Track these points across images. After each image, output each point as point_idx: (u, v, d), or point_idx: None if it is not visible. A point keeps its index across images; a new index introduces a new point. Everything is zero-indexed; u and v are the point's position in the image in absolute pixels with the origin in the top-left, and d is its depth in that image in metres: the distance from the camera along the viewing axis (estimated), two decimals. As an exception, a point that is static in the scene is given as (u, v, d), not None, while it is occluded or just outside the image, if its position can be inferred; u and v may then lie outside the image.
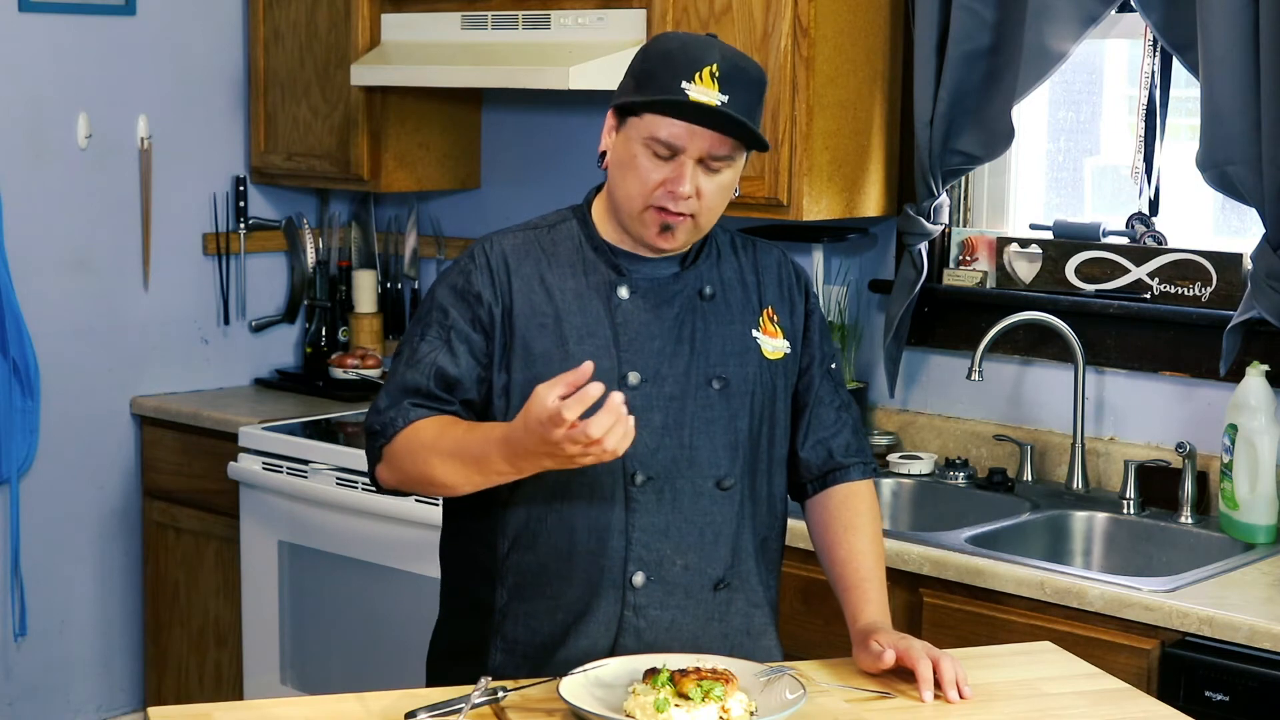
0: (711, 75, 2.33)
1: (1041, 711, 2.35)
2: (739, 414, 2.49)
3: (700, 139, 2.35)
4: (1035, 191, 3.96)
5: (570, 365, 2.35)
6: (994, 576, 3.13)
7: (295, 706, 2.35)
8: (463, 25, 4.20)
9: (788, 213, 3.71)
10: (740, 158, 2.41)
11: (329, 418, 4.44)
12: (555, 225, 2.53)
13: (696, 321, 2.48)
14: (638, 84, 2.39)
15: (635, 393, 2.42)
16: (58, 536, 4.56)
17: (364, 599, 4.08)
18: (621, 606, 2.44)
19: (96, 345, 4.58)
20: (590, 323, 2.45)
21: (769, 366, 2.53)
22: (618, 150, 2.42)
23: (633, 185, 2.40)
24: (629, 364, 2.44)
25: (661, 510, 2.44)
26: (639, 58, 2.42)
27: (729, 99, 2.33)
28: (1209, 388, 3.55)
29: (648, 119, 2.36)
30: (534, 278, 2.47)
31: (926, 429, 3.94)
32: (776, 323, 2.55)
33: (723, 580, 2.49)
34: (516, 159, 4.68)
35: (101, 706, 4.70)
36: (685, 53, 2.35)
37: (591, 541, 2.43)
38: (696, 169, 2.37)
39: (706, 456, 2.46)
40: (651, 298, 2.47)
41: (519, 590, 2.47)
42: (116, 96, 4.54)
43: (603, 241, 2.49)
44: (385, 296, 4.90)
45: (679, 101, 2.32)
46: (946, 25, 3.66)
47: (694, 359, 2.47)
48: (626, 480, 2.43)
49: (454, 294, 2.47)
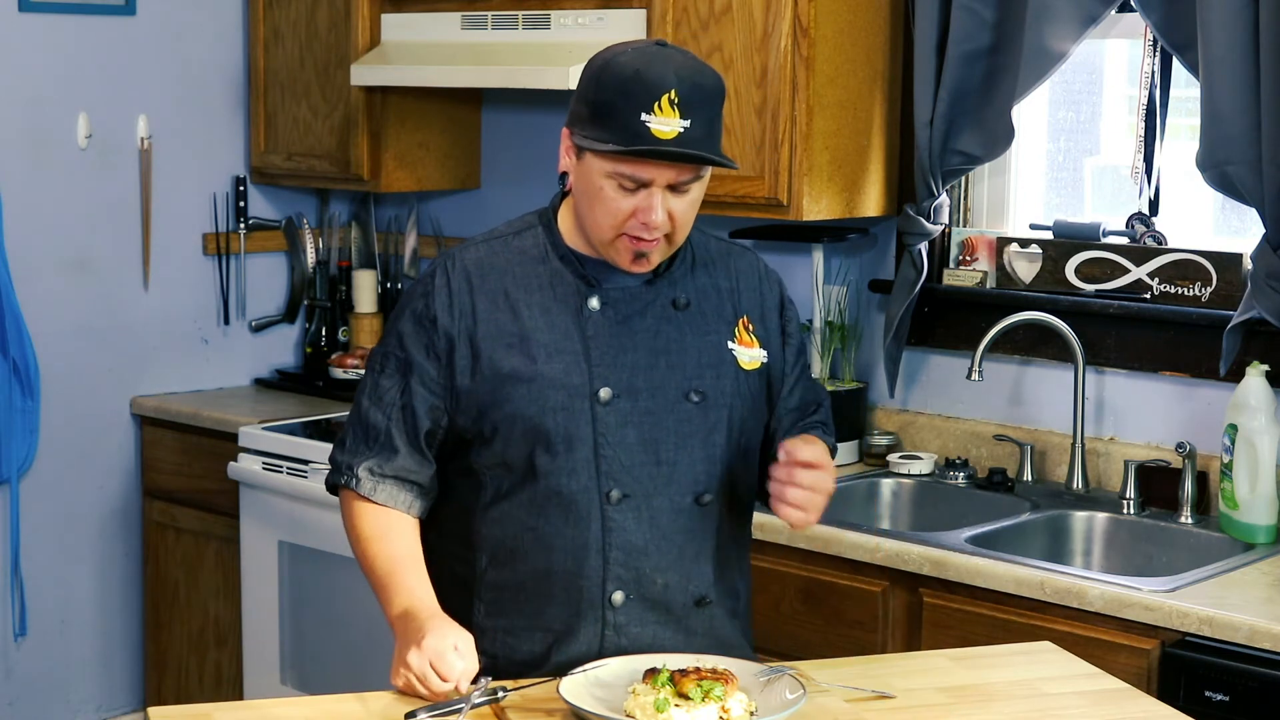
0: (671, 103, 2.28)
1: (1041, 711, 2.35)
2: (716, 427, 2.45)
3: (667, 170, 2.31)
4: (1035, 191, 3.96)
5: (539, 385, 2.38)
6: (994, 576, 3.13)
7: (295, 706, 2.35)
8: (463, 25, 4.20)
9: (788, 213, 3.71)
10: (706, 172, 2.37)
11: (329, 418, 4.44)
12: (520, 233, 2.48)
13: (671, 332, 2.44)
14: (594, 115, 2.32)
15: (608, 408, 2.39)
16: (58, 536, 4.56)
17: (364, 599, 4.06)
18: (602, 625, 2.42)
19: (96, 345, 4.58)
20: (559, 338, 2.41)
21: (746, 378, 2.49)
22: (581, 180, 2.37)
23: (602, 217, 2.35)
24: (601, 379, 2.40)
25: (640, 528, 2.41)
26: (592, 85, 2.34)
27: (691, 123, 2.29)
28: (1209, 388, 3.54)
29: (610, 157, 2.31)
30: (499, 293, 2.42)
31: (926, 429, 3.94)
32: (752, 332, 2.51)
33: (704, 597, 2.47)
34: (516, 159, 4.69)
35: (101, 706, 4.70)
36: (641, 81, 2.28)
37: (569, 561, 2.40)
38: (666, 194, 2.33)
39: (685, 472, 2.43)
40: (623, 308, 2.43)
41: (498, 607, 2.45)
42: (116, 96, 4.54)
43: (569, 250, 2.44)
44: (385, 296, 4.90)
45: (645, 150, 2.27)
46: (946, 25, 3.66)
47: (670, 372, 2.43)
48: (602, 498, 2.40)
49: (413, 320, 2.45)
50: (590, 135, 2.32)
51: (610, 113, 2.30)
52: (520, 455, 2.40)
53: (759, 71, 3.70)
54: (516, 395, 2.39)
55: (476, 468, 2.44)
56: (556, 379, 2.39)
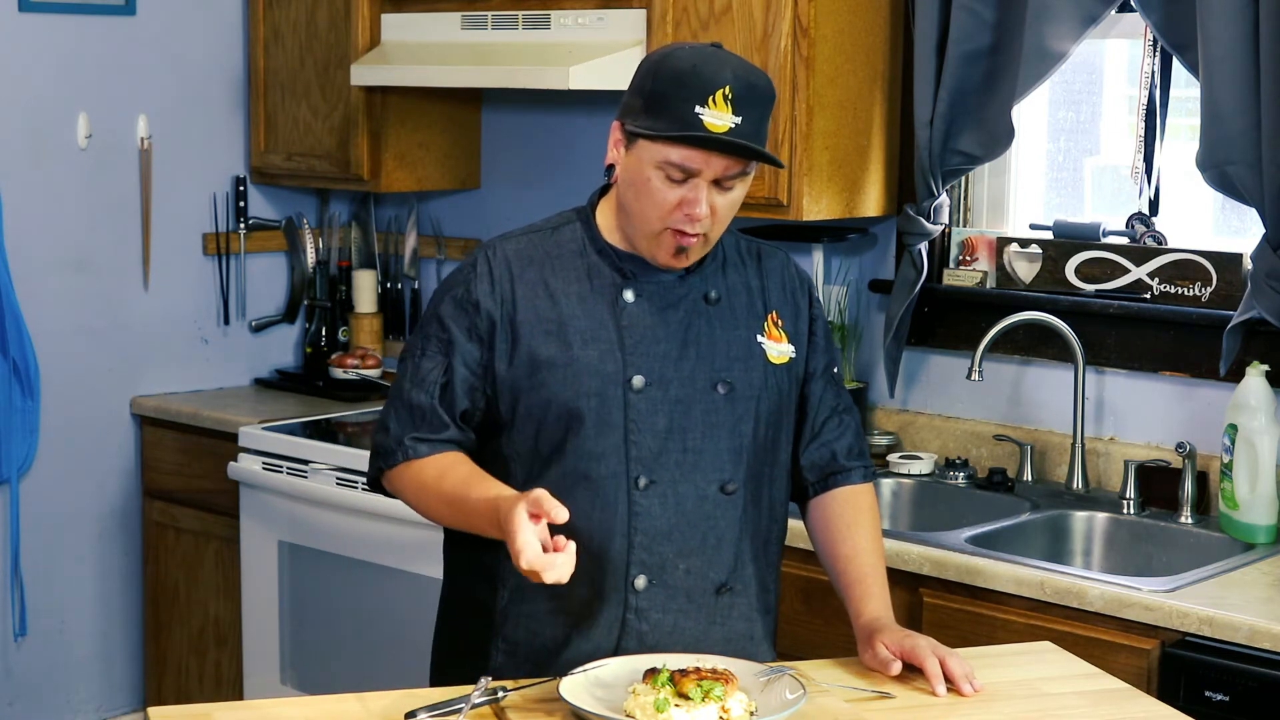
0: (725, 98, 2.32)
1: (1041, 711, 2.35)
2: (744, 418, 2.49)
3: (716, 162, 2.35)
4: (1035, 191, 3.96)
5: (575, 370, 2.41)
6: (994, 576, 3.13)
7: (295, 706, 2.35)
8: (463, 25, 4.20)
9: (788, 213, 3.71)
10: (752, 170, 2.41)
11: (329, 418, 4.44)
12: (559, 228, 2.52)
13: (701, 325, 2.48)
14: (648, 105, 2.36)
15: (640, 396, 2.43)
16: (58, 536, 4.56)
17: (364, 599, 4.08)
18: (624, 610, 2.44)
19: (96, 345, 4.58)
20: (595, 326, 2.45)
21: (774, 371, 2.53)
22: (629, 170, 2.41)
23: (648, 208, 2.39)
24: (634, 367, 2.44)
25: (665, 514, 2.44)
26: (649, 76, 2.38)
27: (742, 120, 2.33)
28: (1209, 388, 3.55)
29: (662, 143, 2.35)
30: (538, 283, 2.47)
31: (926, 429, 3.94)
32: (781, 328, 2.55)
33: (725, 584, 2.49)
34: (516, 159, 4.68)
35: (101, 706, 4.70)
36: (697, 75, 2.33)
37: (594, 544, 2.42)
38: (710, 188, 2.37)
39: (710, 460, 2.46)
40: (657, 301, 2.47)
41: (520, 592, 2.47)
42: (116, 96, 4.54)
43: (607, 245, 2.49)
44: (385, 296, 4.90)
45: (698, 136, 2.31)
46: (946, 25, 3.66)
47: (699, 363, 2.47)
48: (630, 484, 2.43)
49: (454, 304, 2.48)
50: (643, 124, 2.36)
51: (665, 104, 2.34)
52: (552, 439, 2.43)
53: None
54: (552, 380, 2.42)
55: (506, 453, 2.47)
56: (592, 365, 2.43)
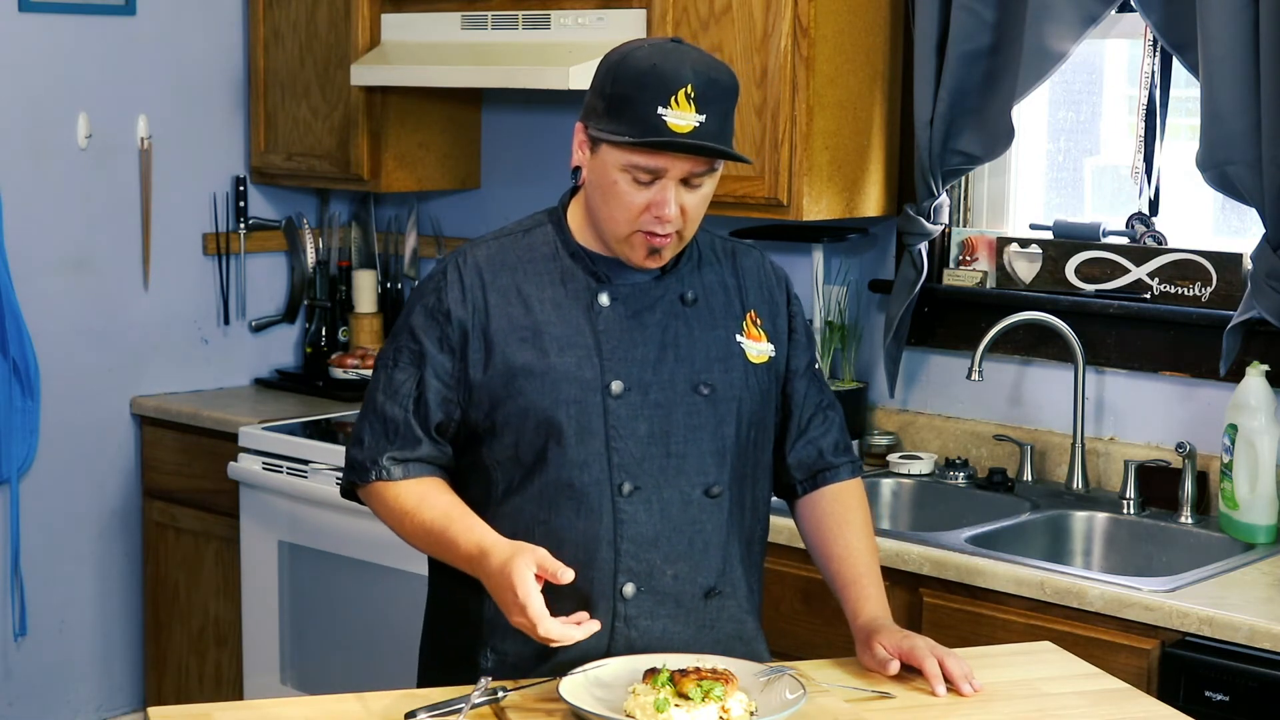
0: (688, 97, 2.30)
1: (1041, 711, 2.35)
2: (725, 420, 2.46)
3: (682, 162, 2.33)
4: (1035, 191, 3.96)
5: (552, 378, 2.39)
6: (994, 576, 3.13)
7: (295, 706, 2.35)
8: (463, 25, 4.20)
9: (788, 213, 3.71)
10: (720, 165, 2.39)
11: (329, 418, 4.44)
12: (530, 230, 2.50)
13: (679, 327, 2.46)
14: (609, 108, 2.34)
15: (619, 402, 2.41)
16: (58, 536, 4.56)
17: (364, 599, 4.08)
18: (613, 618, 2.42)
19: (96, 345, 4.58)
20: (570, 332, 2.42)
21: (754, 371, 2.50)
22: (595, 174, 2.38)
23: (617, 211, 2.37)
24: (612, 372, 2.41)
25: (650, 520, 2.42)
26: (609, 77, 2.36)
27: (706, 118, 2.31)
28: (1209, 388, 3.55)
29: (626, 148, 2.32)
30: (510, 289, 2.44)
31: (926, 429, 3.94)
32: (760, 326, 2.53)
33: (714, 588, 2.48)
34: (516, 159, 4.69)
35: (101, 706, 4.70)
36: (657, 74, 2.31)
37: (580, 553, 2.40)
38: (679, 187, 2.35)
39: (694, 464, 2.44)
40: (632, 304, 2.44)
41: None
42: (116, 96, 4.54)
43: (580, 248, 2.46)
44: (385, 296, 4.90)
45: (661, 141, 2.29)
46: (946, 25, 3.67)
47: (678, 365, 2.44)
48: (614, 491, 2.41)
49: (425, 314, 2.45)
50: (606, 128, 2.34)
51: (626, 105, 2.32)
52: (532, 449, 2.41)
53: (759, 71, 3.70)
54: (529, 389, 2.40)
55: (487, 463, 2.45)
56: (569, 372, 2.40)
